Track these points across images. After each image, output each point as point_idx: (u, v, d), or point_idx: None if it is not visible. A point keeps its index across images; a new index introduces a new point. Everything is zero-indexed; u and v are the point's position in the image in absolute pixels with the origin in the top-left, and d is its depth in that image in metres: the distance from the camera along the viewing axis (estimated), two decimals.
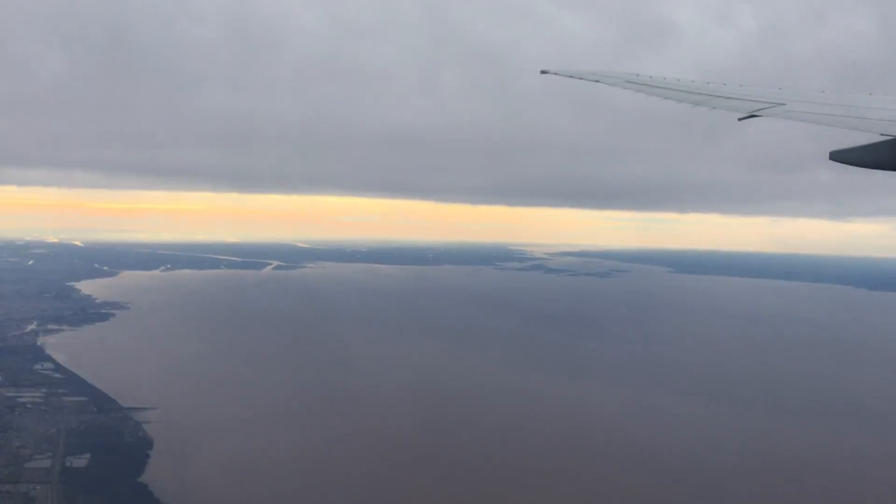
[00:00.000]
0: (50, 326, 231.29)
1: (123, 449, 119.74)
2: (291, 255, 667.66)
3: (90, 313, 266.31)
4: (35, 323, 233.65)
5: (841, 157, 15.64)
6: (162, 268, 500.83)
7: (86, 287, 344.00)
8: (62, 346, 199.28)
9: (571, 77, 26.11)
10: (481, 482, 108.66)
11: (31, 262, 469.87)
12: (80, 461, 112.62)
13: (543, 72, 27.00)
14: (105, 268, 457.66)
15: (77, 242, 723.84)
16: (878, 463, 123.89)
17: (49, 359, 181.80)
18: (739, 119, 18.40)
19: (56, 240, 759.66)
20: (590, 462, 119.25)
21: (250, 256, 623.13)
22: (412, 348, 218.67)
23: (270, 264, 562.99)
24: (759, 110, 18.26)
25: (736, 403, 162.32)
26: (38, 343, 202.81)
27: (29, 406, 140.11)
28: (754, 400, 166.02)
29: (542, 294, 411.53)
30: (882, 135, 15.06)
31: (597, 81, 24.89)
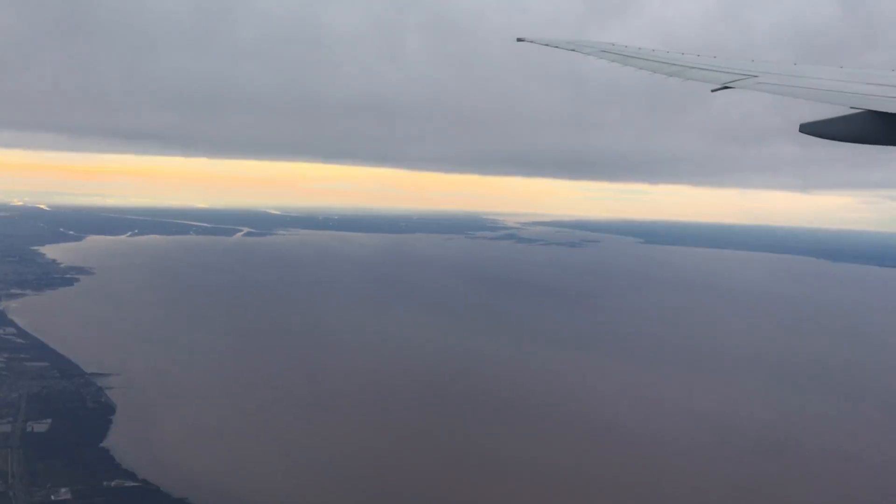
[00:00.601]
0: (13, 291, 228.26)
1: (85, 414, 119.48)
2: (263, 222, 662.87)
3: (54, 278, 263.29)
4: None
5: (811, 129, 15.74)
6: (129, 233, 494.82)
7: (50, 251, 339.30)
8: (25, 310, 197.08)
9: (547, 45, 26.26)
10: (439, 444, 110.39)
11: None
12: (42, 426, 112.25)
13: (520, 39, 27.25)
14: (71, 232, 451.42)
15: (43, 206, 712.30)
16: (817, 424, 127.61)
17: (11, 324, 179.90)
18: (712, 91, 18.52)
19: (21, 203, 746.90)
20: (541, 424, 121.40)
21: (221, 222, 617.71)
22: (380, 316, 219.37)
23: (241, 231, 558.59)
24: (731, 82, 18.39)
25: (691, 371, 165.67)
26: (0, 308, 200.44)
27: None
28: (709, 367, 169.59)
29: (512, 263, 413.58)
30: (852, 108, 15.18)
31: (573, 50, 25.15)
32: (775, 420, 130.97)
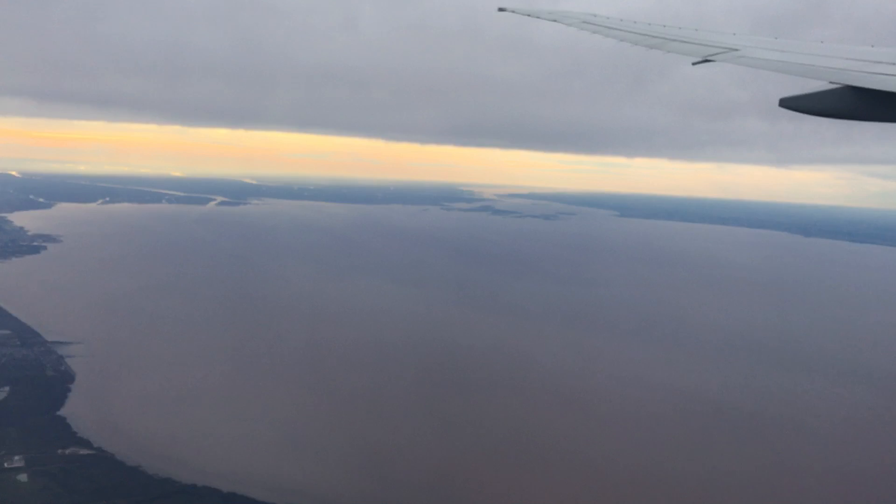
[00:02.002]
0: None
1: (44, 382, 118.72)
2: (237, 191, 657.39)
3: (21, 245, 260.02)
4: None
5: (791, 103, 15.70)
6: (100, 200, 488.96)
7: (18, 218, 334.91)
8: None
9: (529, 16, 26.16)
10: (398, 409, 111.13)
11: None
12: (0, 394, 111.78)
13: (501, 9, 27.20)
14: (41, 199, 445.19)
15: (13, 173, 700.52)
16: (767, 393, 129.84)
17: None
18: (693, 63, 18.62)
19: None
20: (508, 391, 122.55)
21: (194, 191, 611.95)
22: (346, 286, 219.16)
23: (214, 199, 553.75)
24: (713, 55, 18.41)
25: (658, 342, 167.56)
26: None
27: None
28: (673, 338, 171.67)
29: (486, 235, 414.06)
30: (831, 82, 15.26)
31: (554, 21, 25.14)
32: (730, 389, 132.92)
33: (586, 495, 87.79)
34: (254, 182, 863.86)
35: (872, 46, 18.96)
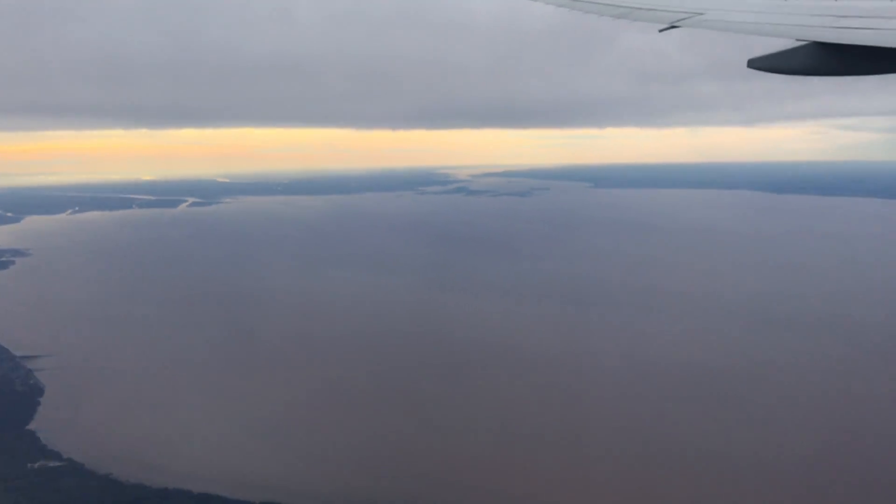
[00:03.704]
0: None
1: (13, 398, 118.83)
2: (209, 191, 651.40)
3: None
4: None
5: (759, 64, 15.74)
6: (69, 211, 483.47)
7: None
8: None
9: None
10: (382, 401, 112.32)
11: None
12: None
13: None
14: (9, 214, 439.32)
15: None
16: (735, 352, 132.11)
17: None
18: (660, 30, 18.56)
19: None
20: (485, 365, 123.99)
21: (165, 194, 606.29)
22: (320, 278, 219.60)
23: (186, 201, 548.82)
24: (679, 21, 18.38)
25: (633, 311, 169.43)
26: None
27: None
28: (648, 306, 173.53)
29: (461, 216, 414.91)
30: (797, 40, 15.31)
31: None
32: (706, 350, 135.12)
33: (575, 474, 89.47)
34: (226, 180, 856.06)
35: (836, 1, 18.96)
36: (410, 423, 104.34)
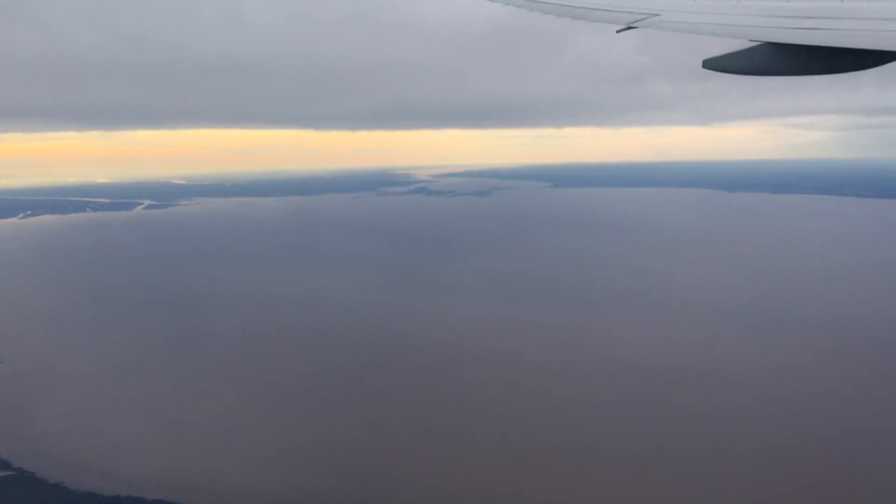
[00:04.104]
0: None
1: None
2: (166, 193, 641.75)
3: None
4: None
5: (714, 64, 16.05)
6: (21, 214, 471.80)
7: None
8: None
9: None
10: (339, 401, 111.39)
11: None
12: None
13: None
14: None
15: None
16: (690, 345, 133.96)
17: None
18: (618, 31, 18.93)
19: None
20: (437, 364, 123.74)
21: (120, 197, 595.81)
22: (282, 281, 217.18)
23: (141, 203, 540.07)
24: (635, 22, 18.75)
25: (585, 309, 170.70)
26: None
27: None
28: (604, 303, 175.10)
29: (421, 217, 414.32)
30: (751, 41, 15.61)
31: None
32: (660, 346, 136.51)
33: (525, 468, 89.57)
34: (183, 182, 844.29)
35: (788, 1, 19.43)
36: (362, 422, 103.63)
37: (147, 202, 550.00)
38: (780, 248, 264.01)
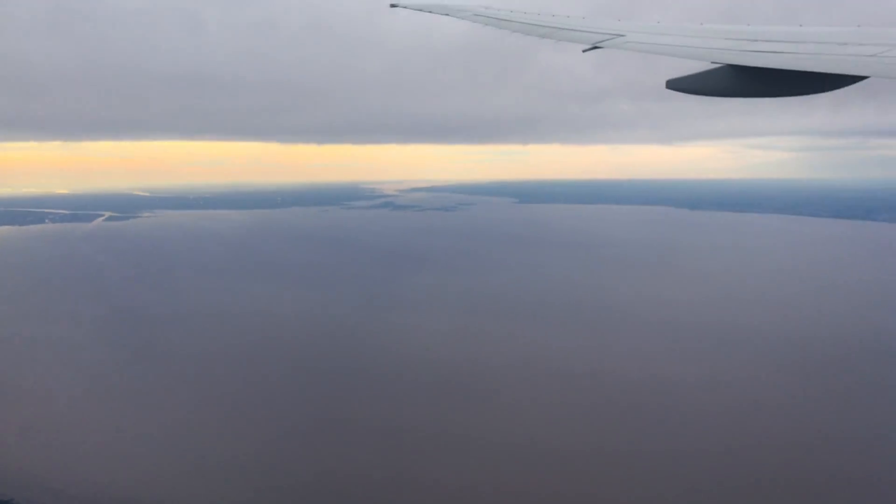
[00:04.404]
0: None
1: None
2: (127, 205, 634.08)
3: None
4: None
5: (677, 85, 16.45)
6: None
7: None
8: None
9: (421, 10, 26.46)
10: (294, 416, 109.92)
11: None
12: None
13: (393, 5, 27.43)
14: None
15: None
16: (645, 360, 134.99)
17: None
18: (584, 51, 19.07)
19: None
20: (393, 377, 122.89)
21: (80, 208, 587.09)
22: (242, 295, 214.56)
23: (102, 215, 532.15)
24: (601, 42, 18.97)
25: (543, 323, 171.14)
26: None
27: None
28: (565, 319, 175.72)
29: (385, 231, 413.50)
30: (713, 63, 15.94)
31: (447, 15, 25.59)
32: (617, 361, 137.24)
33: (485, 480, 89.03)
34: (145, 194, 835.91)
35: (749, 25, 19.72)
36: (319, 437, 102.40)
37: (107, 214, 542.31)
38: (738, 265, 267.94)
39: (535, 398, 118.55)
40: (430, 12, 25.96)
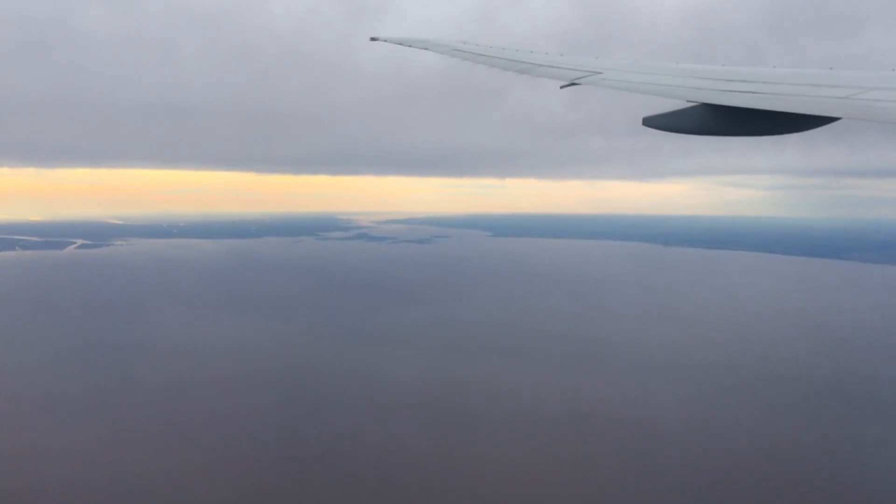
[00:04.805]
0: None
1: None
2: (100, 233, 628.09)
3: None
4: None
5: (653, 122, 16.54)
6: None
7: None
8: None
9: (401, 45, 26.60)
10: (263, 450, 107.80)
11: None
12: None
13: (373, 39, 27.48)
14: None
15: None
16: (613, 396, 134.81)
17: None
18: (561, 87, 19.20)
19: None
20: (369, 417, 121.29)
21: (52, 235, 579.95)
22: (210, 325, 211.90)
23: (74, 243, 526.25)
24: (579, 79, 19.13)
25: (510, 356, 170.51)
26: None
27: None
28: (535, 353, 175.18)
29: (359, 262, 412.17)
30: (688, 101, 16.08)
31: (426, 49, 25.68)
32: (584, 396, 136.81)
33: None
34: (119, 222, 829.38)
35: (723, 66, 20.09)
36: (284, 470, 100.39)
37: (80, 241, 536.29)
38: (711, 303, 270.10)
39: (512, 431, 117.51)
40: (410, 46, 26.26)
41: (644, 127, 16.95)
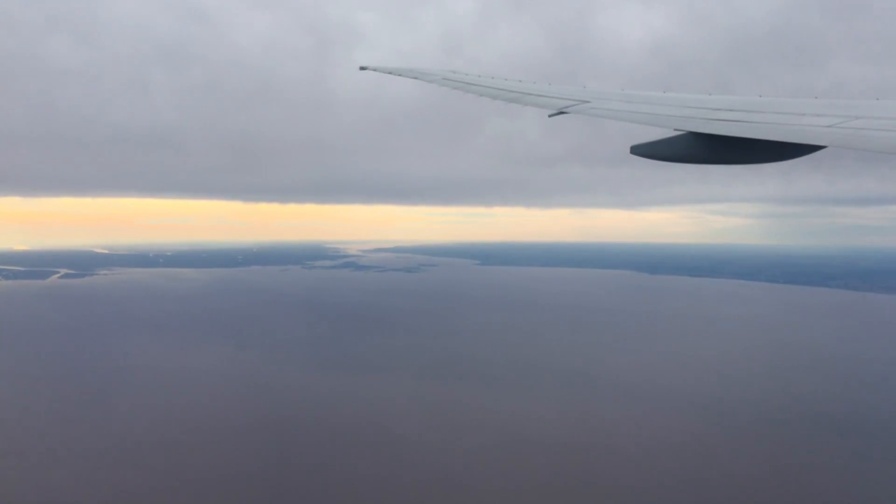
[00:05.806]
0: None
1: None
2: (85, 262, 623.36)
3: None
4: None
5: (640, 150, 16.58)
6: None
7: None
8: None
9: (390, 73, 26.69)
10: (242, 486, 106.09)
11: None
12: None
13: (363, 68, 27.68)
14: None
15: None
16: (595, 423, 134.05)
17: None
18: (550, 115, 19.38)
19: None
20: (353, 448, 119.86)
21: (36, 265, 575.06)
22: (193, 355, 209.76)
23: (58, 272, 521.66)
24: (567, 107, 19.32)
25: (492, 385, 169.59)
26: None
27: None
28: (517, 381, 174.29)
29: (345, 291, 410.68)
30: (675, 130, 16.19)
31: (415, 78, 25.71)
32: (569, 425, 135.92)
33: None
34: (104, 251, 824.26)
35: (710, 95, 20.25)
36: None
37: (64, 271, 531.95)
38: (696, 331, 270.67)
39: (502, 464, 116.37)
40: (399, 75, 26.27)
41: (630, 155, 16.99)
